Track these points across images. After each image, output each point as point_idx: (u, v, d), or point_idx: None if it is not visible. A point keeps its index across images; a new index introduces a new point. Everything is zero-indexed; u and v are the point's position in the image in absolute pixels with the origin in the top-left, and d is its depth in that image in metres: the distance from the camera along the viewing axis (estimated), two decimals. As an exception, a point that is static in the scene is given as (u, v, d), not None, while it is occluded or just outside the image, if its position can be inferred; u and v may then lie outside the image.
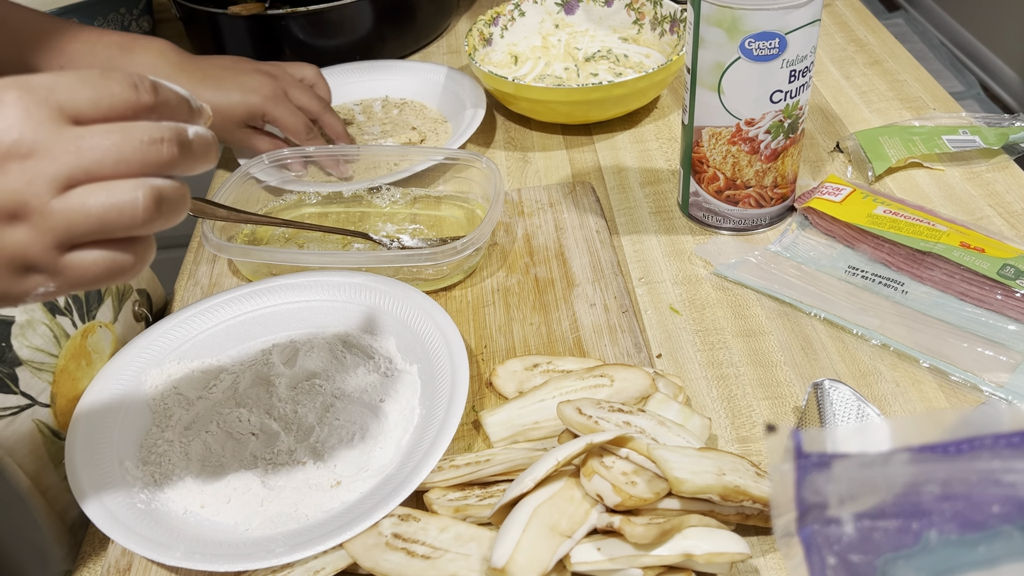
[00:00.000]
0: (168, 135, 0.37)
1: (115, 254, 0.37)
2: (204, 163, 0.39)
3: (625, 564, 0.44)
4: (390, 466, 0.53)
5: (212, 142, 0.39)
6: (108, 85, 0.36)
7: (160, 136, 0.36)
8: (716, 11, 0.60)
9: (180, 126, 0.38)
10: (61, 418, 0.57)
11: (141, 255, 0.38)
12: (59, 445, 0.57)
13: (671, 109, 0.88)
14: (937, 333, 0.59)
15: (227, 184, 0.73)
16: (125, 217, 0.36)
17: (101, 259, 0.37)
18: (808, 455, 0.30)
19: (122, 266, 0.37)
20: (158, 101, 0.37)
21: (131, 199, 0.36)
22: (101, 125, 0.36)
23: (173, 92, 0.39)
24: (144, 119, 0.37)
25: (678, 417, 0.52)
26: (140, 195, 0.36)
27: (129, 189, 0.36)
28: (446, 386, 0.55)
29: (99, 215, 0.35)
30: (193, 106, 0.40)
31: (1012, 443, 0.29)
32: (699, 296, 0.66)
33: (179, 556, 0.47)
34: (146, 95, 0.37)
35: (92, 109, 0.36)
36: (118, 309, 0.63)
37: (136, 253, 0.38)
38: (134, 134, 0.36)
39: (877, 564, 0.30)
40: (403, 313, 0.62)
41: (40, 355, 0.56)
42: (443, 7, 1.04)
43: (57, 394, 0.57)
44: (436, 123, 0.89)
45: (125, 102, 0.37)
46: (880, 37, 0.97)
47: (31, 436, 0.55)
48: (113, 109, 0.36)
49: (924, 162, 0.76)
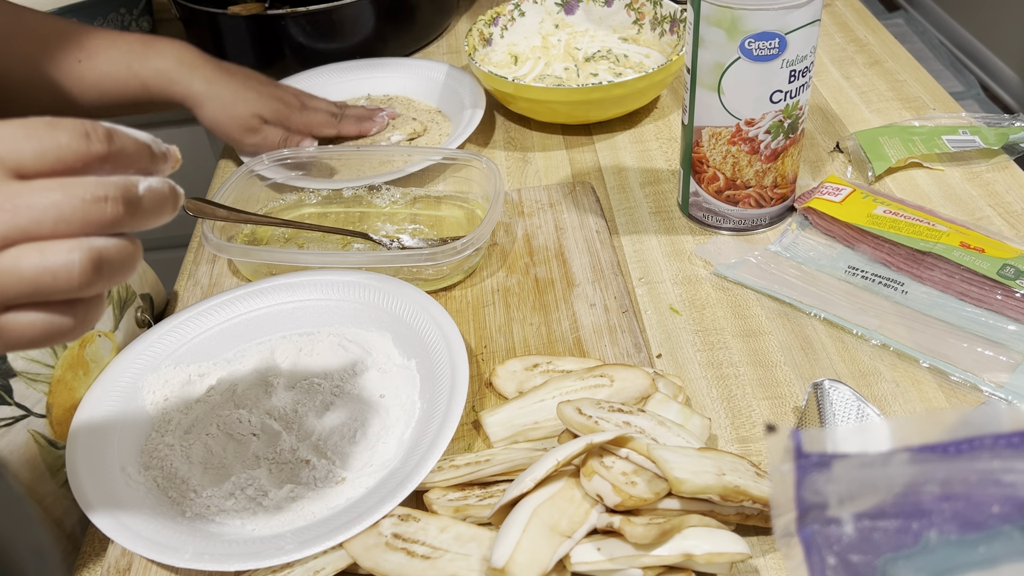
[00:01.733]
0: (113, 192, 0.34)
1: (53, 317, 0.34)
2: (156, 218, 0.36)
3: (625, 564, 0.44)
4: (394, 460, 0.53)
5: (168, 195, 0.37)
6: (55, 135, 0.34)
7: (104, 194, 0.34)
8: (716, 11, 0.60)
9: (129, 181, 0.35)
10: (58, 428, 0.57)
11: (83, 317, 0.35)
12: (56, 454, 0.57)
13: (671, 109, 0.88)
14: (937, 333, 0.59)
15: (227, 184, 0.73)
16: (60, 281, 0.33)
17: (38, 322, 0.34)
18: (808, 455, 0.30)
19: (60, 329, 0.35)
20: (112, 150, 0.35)
21: (66, 262, 0.33)
22: (42, 181, 0.33)
23: (131, 139, 0.36)
24: (96, 170, 0.34)
25: (678, 417, 0.52)
26: (76, 258, 0.33)
27: (65, 252, 0.33)
28: (446, 380, 0.55)
29: (32, 279, 0.33)
30: (155, 151, 0.37)
31: (1012, 443, 0.29)
32: (699, 296, 0.66)
33: (188, 558, 0.47)
34: (98, 144, 0.34)
35: (36, 162, 0.33)
36: (119, 317, 0.63)
37: (76, 315, 0.35)
38: (75, 192, 0.33)
39: (877, 564, 0.30)
40: (400, 310, 0.62)
41: (35, 366, 0.56)
42: (443, 7, 1.04)
43: (53, 404, 0.57)
44: (430, 114, 0.89)
45: (74, 153, 0.34)
46: (880, 37, 0.97)
47: (27, 446, 0.55)
48: (60, 161, 0.34)
49: (924, 162, 0.76)
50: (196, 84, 0.78)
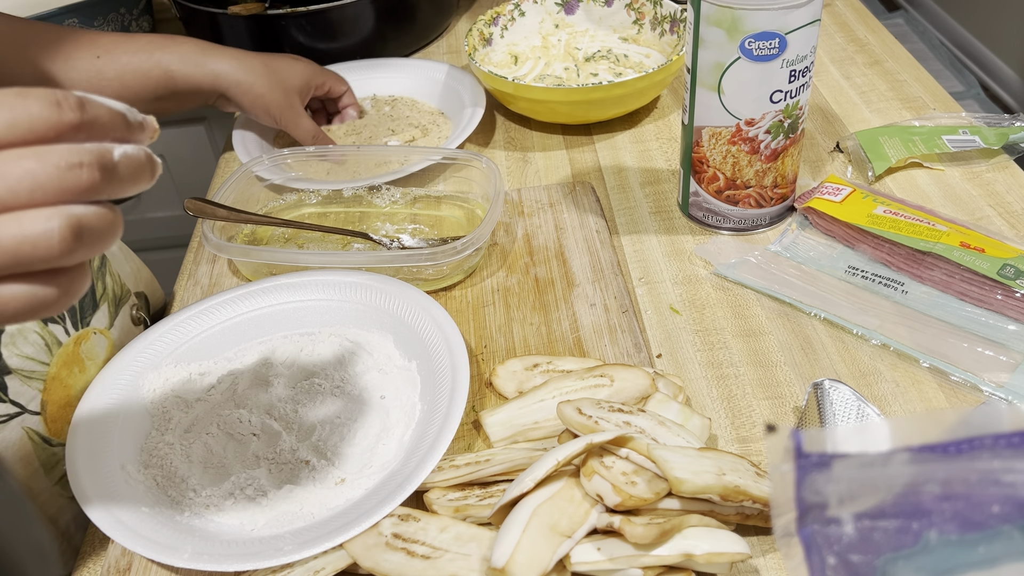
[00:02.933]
0: (88, 159, 0.33)
1: (36, 288, 0.34)
2: (134, 185, 0.36)
3: (625, 564, 0.44)
4: (394, 462, 0.53)
5: (145, 162, 0.36)
6: (26, 104, 0.33)
7: (79, 160, 0.33)
8: (716, 11, 0.60)
9: (104, 147, 0.34)
10: (52, 425, 0.57)
11: (67, 287, 0.35)
12: (50, 451, 0.57)
13: (671, 109, 0.88)
14: (937, 333, 0.59)
15: (227, 184, 0.73)
16: (40, 250, 0.33)
17: (20, 293, 0.34)
18: (808, 455, 0.30)
19: (44, 300, 0.34)
20: (85, 119, 0.34)
21: (45, 230, 0.32)
22: (14, 150, 0.33)
23: (105, 108, 0.35)
24: (70, 139, 0.34)
25: (678, 417, 0.52)
26: (56, 225, 0.33)
27: (43, 220, 0.32)
28: (446, 382, 0.55)
29: (11, 249, 0.32)
30: (131, 120, 0.36)
31: (1012, 443, 0.29)
32: (699, 296, 0.66)
33: (187, 558, 0.47)
34: (70, 113, 0.33)
35: (7, 131, 0.33)
36: (114, 315, 0.63)
37: (60, 285, 0.34)
38: (50, 159, 0.33)
39: (877, 564, 0.30)
40: (401, 311, 0.62)
41: (30, 363, 0.55)
42: (443, 7, 1.04)
43: (48, 401, 0.56)
44: (433, 116, 0.89)
45: (46, 122, 0.33)
46: (880, 37, 0.97)
47: (21, 443, 0.55)
48: (32, 131, 0.33)
49: (924, 162, 0.76)
50: (223, 63, 0.77)
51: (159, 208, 1.24)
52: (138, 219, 1.26)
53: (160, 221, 1.26)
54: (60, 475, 0.57)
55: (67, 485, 0.57)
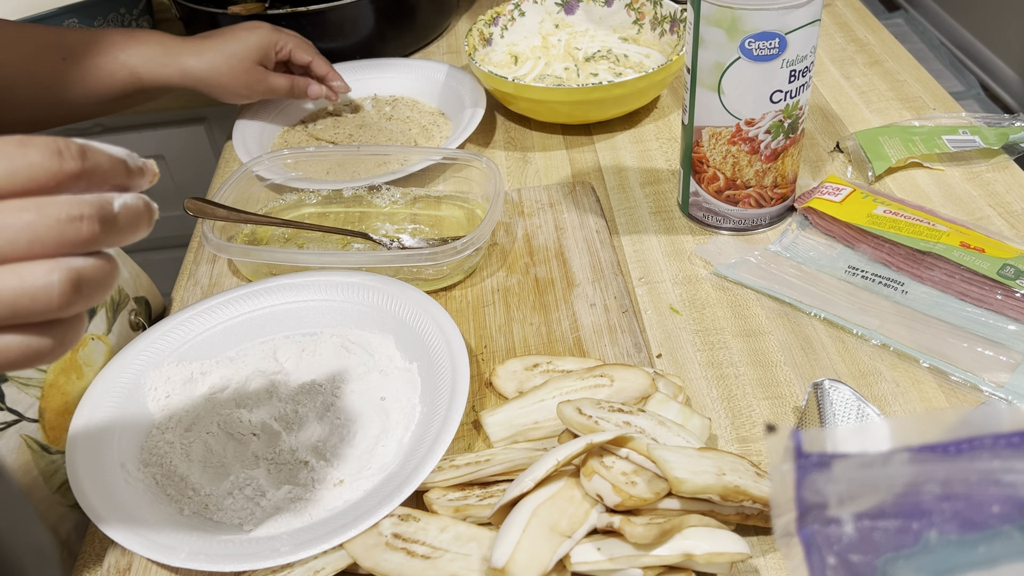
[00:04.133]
0: (88, 211, 0.33)
1: (31, 338, 0.34)
2: (132, 235, 0.36)
3: (625, 564, 0.44)
4: (392, 464, 0.53)
5: (144, 211, 0.36)
6: (26, 153, 0.33)
7: (79, 213, 0.33)
8: (716, 11, 0.60)
9: (104, 199, 0.34)
10: (50, 432, 0.57)
11: (62, 338, 0.35)
12: (48, 459, 0.57)
13: (671, 109, 0.88)
14: (937, 333, 0.59)
15: (227, 184, 0.73)
16: (39, 303, 0.32)
17: (15, 344, 0.33)
18: (808, 455, 0.30)
19: (39, 351, 0.34)
20: (86, 167, 0.34)
21: (45, 284, 0.32)
22: (14, 201, 0.32)
23: (105, 155, 0.35)
24: (71, 188, 0.34)
25: (678, 417, 0.52)
26: (56, 279, 0.32)
27: (44, 273, 0.32)
28: (447, 384, 0.55)
29: (10, 301, 0.32)
30: (131, 166, 0.36)
31: (1012, 443, 0.29)
32: (699, 296, 0.66)
33: (183, 557, 0.47)
34: (71, 162, 0.33)
35: (7, 182, 0.32)
36: (112, 320, 0.63)
37: (56, 336, 0.34)
38: (50, 211, 0.32)
39: (877, 564, 0.30)
40: (402, 312, 0.62)
41: (27, 371, 0.55)
42: (443, 7, 1.04)
43: (46, 408, 0.56)
44: (433, 116, 0.89)
45: (46, 172, 0.33)
46: (880, 37, 0.97)
47: (19, 452, 0.55)
48: (32, 180, 0.33)
49: (924, 162, 0.76)
50: (186, 59, 0.78)
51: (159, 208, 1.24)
52: (138, 219, 1.25)
53: (160, 221, 1.25)
54: (60, 483, 0.57)
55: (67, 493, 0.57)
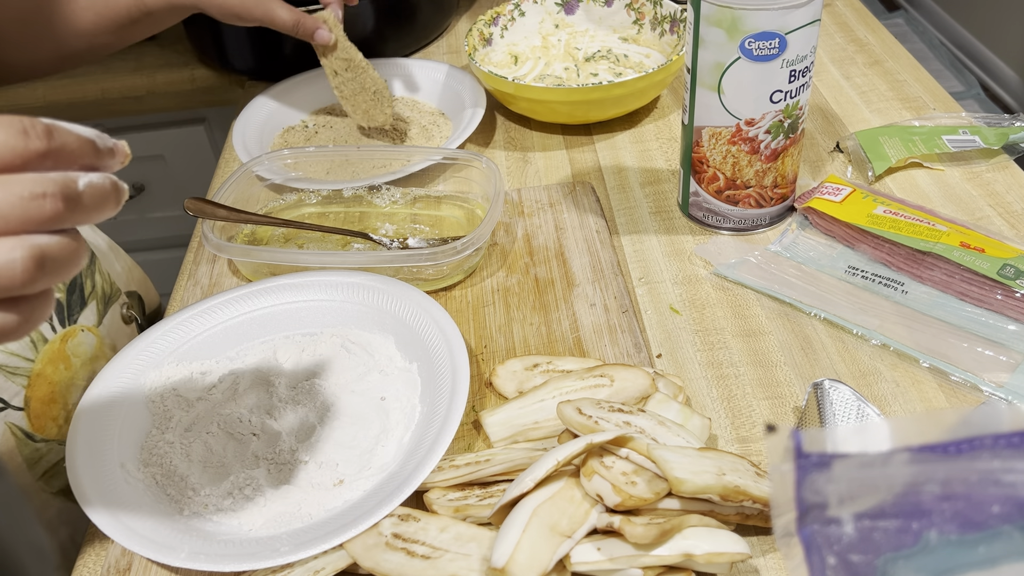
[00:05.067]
0: (52, 189, 0.34)
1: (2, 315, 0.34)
2: (98, 214, 0.36)
3: (625, 564, 0.44)
4: (392, 464, 0.53)
5: (110, 190, 0.36)
6: None
7: (43, 191, 0.33)
8: (716, 11, 0.60)
9: (69, 177, 0.34)
10: (35, 421, 0.57)
11: (28, 314, 0.35)
12: (32, 447, 0.57)
13: (671, 109, 0.88)
14: (937, 333, 0.59)
15: (227, 184, 0.73)
16: (3, 279, 0.33)
17: None
18: (808, 455, 0.30)
19: (5, 326, 0.34)
20: (52, 147, 0.34)
21: (8, 261, 0.33)
22: None
23: (72, 135, 0.35)
24: (36, 167, 0.34)
25: (678, 417, 0.52)
26: (19, 256, 0.33)
27: (6, 250, 0.33)
28: (447, 384, 0.55)
29: None
30: (100, 147, 0.36)
31: (1012, 443, 0.29)
32: (699, 296, 0.66)
33: (183, 557, 0.47)
34: (37, 141, 0.34)
35: None
36: (103, 313, 0.63)
37: (22, 312, 0.35)
38: (13, 189, 0.33)
39: (877, 564, 0.30)
40: (402, 312, 0.62)
41: (15, 359, 0.55)
42: (443, 7, 1.04)
43: (32, 397, 0.56)
44: (433, 116, 0.89)
45: (11, 150, 0.33)
46: (880, 37, 0.97)
47: (4, 439, 0.55)
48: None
49: (924, 162, 0.76)
50: None
51: (159, 208, 1.24)
52: (138, 219, 1.26)
53: (160, 221, 1.26)
54: (43, 470, 0.57)
55: (51, 480, 0.57)
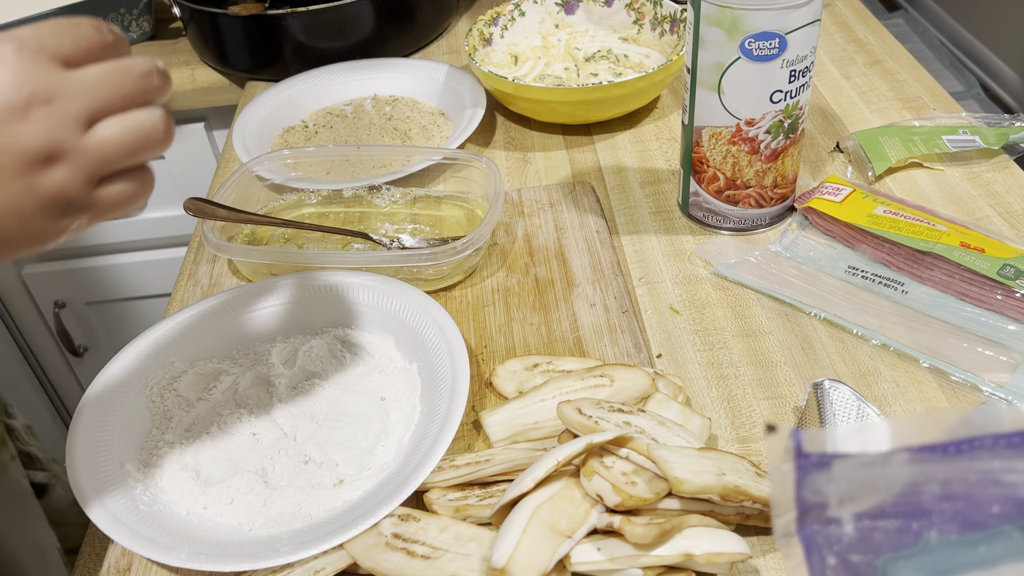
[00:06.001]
0: (151, 67, 0.40)
1: (134, 183, 0.41)
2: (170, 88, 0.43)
3: (625, 564, 0.44)
4: (392, 464, 0.53)
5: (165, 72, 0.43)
6: (79, 29, 0.39)
7: (148, 69, 0.40)
8: (716, 11, 0.60)
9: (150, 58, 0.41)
10: None
11: (149, 181, 0.42)
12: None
13: (671, 109, 0.88)
14: (937, 333, 0.59)
15: (227, 184, 0.73)
16: (151, 140, 0.40)
17: (127, 188, 0.40)
18: (808, 455, 0.30)
19: (139, 192, 0.41)
20: (116, 39, 0.40)
21: (152, 123, 0.40)
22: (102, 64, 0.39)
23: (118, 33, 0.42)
24: (110, 56, 0.40)
25: (678, 417, 0.52)
26: (159, 116, 0.40)
27: (147, 116, 0.40)
28: (447, 384, 0.55)
29: (130, 143, 0.39)
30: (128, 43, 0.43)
31: (1012, 443, 0.29)
32: (699, 296, 0.66)
33: (183, 557, 0.47)
34: (108, 35, 0.40)
35: (75, 51, 0.39)
36: None
37: (146, 180, 0.42)
38: (130, 69, 0.39)
39: (877, 564, 0.30)
40: (403, 312, 0.62)
41: None
42: (443, 7, 1.04)
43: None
44: (433, 116, 0.89)
45: (95, 43, 0.39)
46: (880, 37, 0.97)
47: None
48: (89, 51, 0.39)
49: (924, 162, 0.76)
50: None
51: (159, 208, 1.24)
52: (138, 219, 1.25)
53: (160, 221, 1.26)
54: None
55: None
